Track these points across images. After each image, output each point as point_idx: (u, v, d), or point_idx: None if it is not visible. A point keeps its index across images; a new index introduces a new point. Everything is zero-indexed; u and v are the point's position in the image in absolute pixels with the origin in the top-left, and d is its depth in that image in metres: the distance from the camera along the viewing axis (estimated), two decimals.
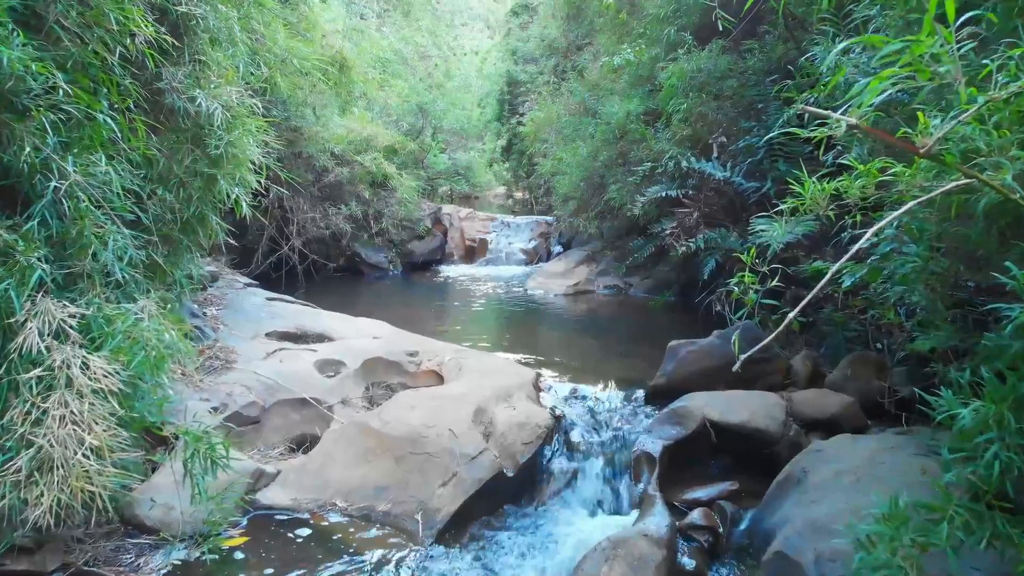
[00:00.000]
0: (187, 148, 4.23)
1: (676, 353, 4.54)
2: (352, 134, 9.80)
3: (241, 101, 4.29)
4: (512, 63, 17.24)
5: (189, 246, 4.23)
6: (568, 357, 5.65)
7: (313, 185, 9.56)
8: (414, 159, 11.29)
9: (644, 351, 5.79)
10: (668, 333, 6.48)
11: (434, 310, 7.99)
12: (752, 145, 5.88)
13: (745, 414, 4.00)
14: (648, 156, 7.18)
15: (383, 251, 10.33)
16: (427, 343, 5.34)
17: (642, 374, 5.07)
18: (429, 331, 6.61)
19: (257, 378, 4.48)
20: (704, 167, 5.78)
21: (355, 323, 5.72)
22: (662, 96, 7.37)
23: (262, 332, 5.28)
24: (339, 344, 5.12)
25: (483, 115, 19.93)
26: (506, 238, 12.16)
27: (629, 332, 6.65)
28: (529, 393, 4.34)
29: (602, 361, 5.52)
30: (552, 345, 6.19)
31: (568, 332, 6.73)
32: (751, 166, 5.91)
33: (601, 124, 8.08)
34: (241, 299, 5.89)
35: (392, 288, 9.64)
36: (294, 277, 9.16)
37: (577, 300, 8.39)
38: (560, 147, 10.03)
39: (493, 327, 6.80)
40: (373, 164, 9.33)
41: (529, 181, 15.59)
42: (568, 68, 11.91)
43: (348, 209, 9.42)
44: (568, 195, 9.65)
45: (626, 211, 8.03)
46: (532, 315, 7.65)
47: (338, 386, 4.58)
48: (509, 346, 6.08)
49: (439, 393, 4.20)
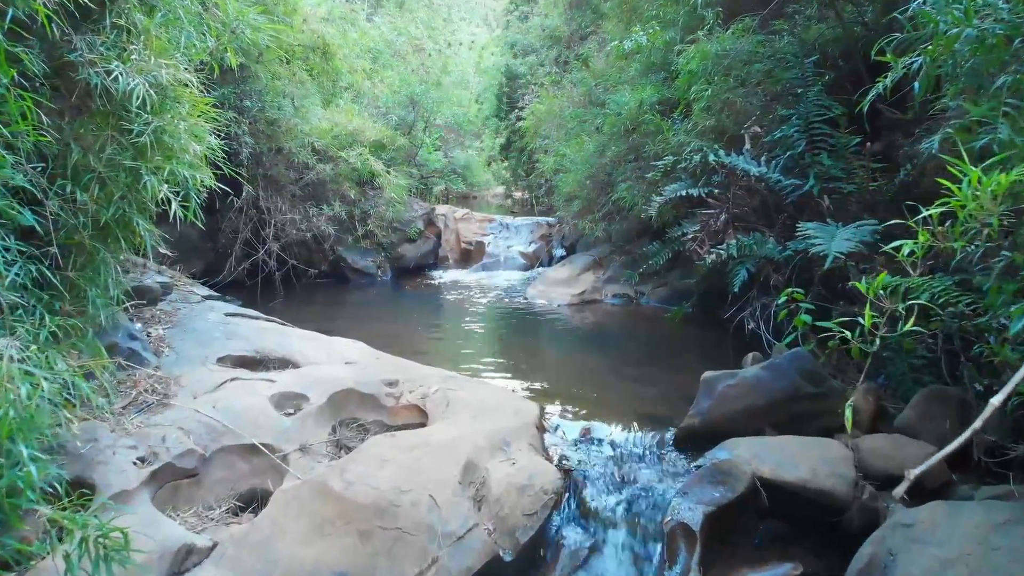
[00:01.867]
0: (108, 136, 3.41)
1: (712, 388, 3.71)
2: (337, 128, 8.96)
3: (174, 77, 3.46)
4: (511, 56, 16.43)
5: (107, 258, 3.39)
6: (577, 384, 4.82)
7: (294, 184, 8.72)
8: (405, 155, 10.45)
9: (666, 376, 4.96)
10: (691, 353, 5.68)
11: (423, 323, 7.16)
12: (789, 136, 5.05)
13: (805, 470, 3.17)
14: (665, 150, 6.36)
15: (371, 255, 9.49)
16: (410, 369, 4.51)
17: (667, 407, 4.24)
18: (416, 348, 5.78)
19: (199, 418, 3.65)
20: (735, 162, 4.95)
21: (328, 344, 4.88)
22: (679, 83, 6.55)
23: (214, 357, 4.44)
24: (304, 372, 4.28)
25: (481, 111, 19.10)
26: (505, 240, 11.33)
27: (646, 351, 5.82)
28: (531, 438, 3.50)
29: (617, 390, 4.68)
30: (557, 368, 5.36)
31: (575, 350, 5.90)
32: (789, 160, 5.08)
33: (610, 116, 7.26)
34: (195, 316, 5.05)
35: (379, 296, 8.80)
36: (272, 284, 8.32)
37: (583, 310, 7.56)
38: (563, 142, 9.20)
39: (489, 344, 5.97)
40: (359, 160, 8.49)
41: (529, 180, 14.76)
42: (571, 58, 11.08)
43: (331, 210, 8.59)
44: (572, 194, 8.83)
45: (638, 212, 7.21)
46: (533, 329, 6.82)
47: (298, 427, 3.75)
48: (507, 369, 5.24)
49: (419, 440, 3.36)
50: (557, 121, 9.64)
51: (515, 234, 11.47)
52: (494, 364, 5.35)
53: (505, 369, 5.22)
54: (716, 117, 5.83)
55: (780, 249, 4.77)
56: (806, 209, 5.02)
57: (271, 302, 7.84)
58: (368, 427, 3.97)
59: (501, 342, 6.08)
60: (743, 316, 5.09)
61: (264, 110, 7.87)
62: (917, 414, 3.65)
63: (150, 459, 3.39)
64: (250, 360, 4.55)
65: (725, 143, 5.62)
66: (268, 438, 3.62)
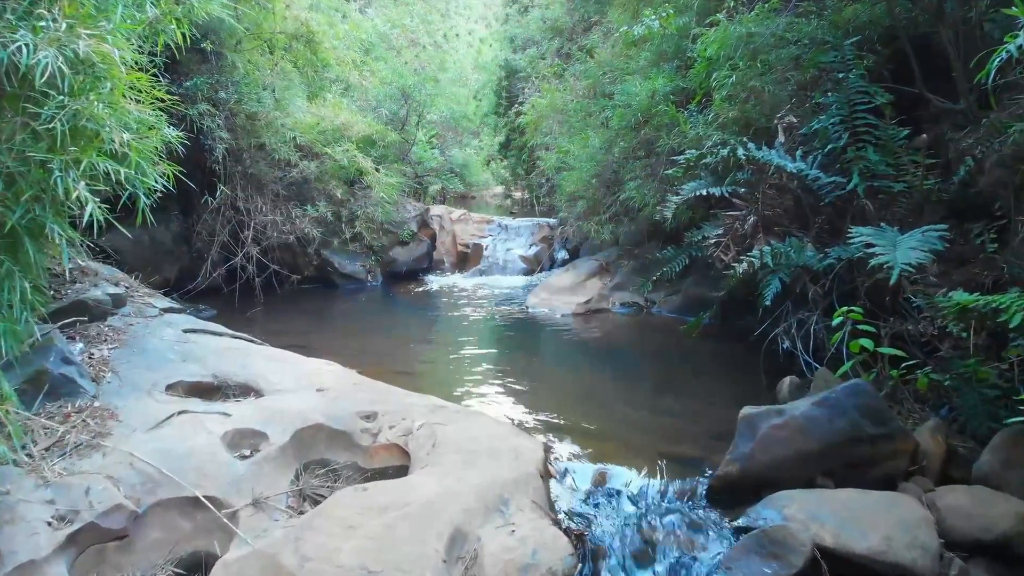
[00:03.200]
0: (17, 122, 2.79)
1: (754, 428, 3.07)
2: (323, 123, 8.32)
3: (98, 51, 2.81)
4: (510, 51, 15.79)
5: (13, 270, 2.75)
6: (586, 413, 4.18)
7: (276, 182, 8.08)
8: (397, 153, 9.81)
9: (689, 403, 4.32)
10: (715, 374, 5.03)
11: (414, 335, 6.51)
12: (829, 127, 4.42)
13: (876, 538, 2.54)
14: (681, 145, 5.73)
15: (360, 259, 8.84)
16: (392, 397, 3.87)
17: (694, 445, 3.61)
18: (403, 367, 5.14)
19: (134, 463, 3.02)
20: (769, 157, 4.32)
21: (298, 366, 4.25)
22: (696, 71, 5.92)
23: (163, 383, 3.81)
24: (266, 403, 3.65)
25: (479, 108, 18.47)
26: (503, 243, 10.69)
27: (663, 371, 5.18)
28: (535, 492, 2.87)
29: (634, 421, 4.04)
30: (563, 393, 4.71)
31: (583, 370, 5.25)
32: (827, 155, 4.45)
33: (619, 108, 6.62)
34: (149, 333, 4.41)
35: (368, 304, 8.15)
36: (252, 291, 7.67)
37: (589, 321, 6.92)
38: (566, 138, 8.57)
39: (486, 362, 5.33)
40: (345, 157, 7.84)
41: (529, 179, 14.13)
42: (574, 50, 10.44)
43: (316, 210, 7.94)
44: (576, 194, 8.20)
45: (649, 213, 6.59)
46: (535, 343, 6.18)
47: (253, 474, 3.11)
48: (506, 392, 4.60)
49: (397, 497, 2.72)
50: (560, 116, 9.01)
51: (515, 236, 10.83)
52: (491, 387, 4.71)
53: (504, 393, 4.58)
54: (740, 107, 5.20)
55: (820, 257, 4.14)
56: (848, 211, 4.39)
57: (250, 310, 7.20)
58: (339, 471, 3.33)
59: (499, 360, 5.45)
60: (776, 333, 4.45)
61: (242, 102, 7.22)
62: (1000, 460, 3.02)
63: (69, 517, 2.77)
64: (206, 387, 3.91)
65: (751, 136, 4.99)
66: (216, 489, 2.99)
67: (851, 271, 4.33)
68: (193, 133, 6.97)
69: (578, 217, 8.25)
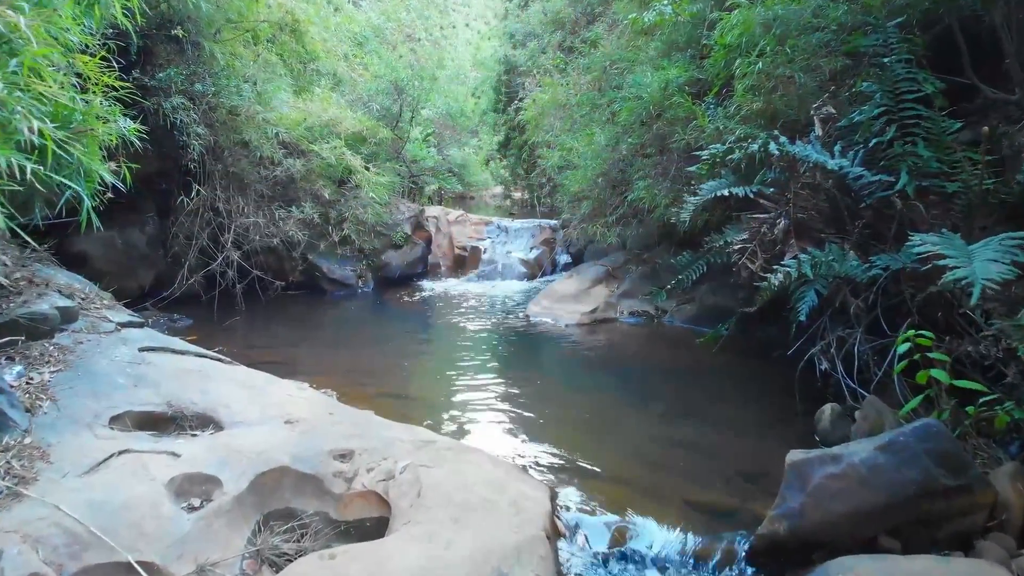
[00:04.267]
0: None
1: (804, 477, 2.54)
2: (310, 118, 7.78)
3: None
4: (510, 47, 15.26)
5: None
6: (597, 447, 3.65)
7: (260, 182, 7.54)
8: (390, 150, 9.27)
9: (713, 432, 3.79)
10: (742, 397, 4.47)
11: (404, 349, 5.97)
12: (871, 120, 3.89)
13: None
14: (698, 140, 5.22)
15: (350, 263, 8.31)
16: (373, 430, 3.34)
17: (726, 490, 3.08)
18: (390, 388, 4.62)
19: (60, 519, 2.49)
20: (806, 153, 3.79)
21: (267, 392, 3.71)
22: (714, 59, 5.40)
23: (108, 414, 3.28)
24: (224, 440, 3.11)
25: (478, 105, 17.94)
26: (503, 246, 10.17)
27: (681, 392, 4.65)
28: (540, 561, 2.34)
29: (653, 458, 3.51)
30: (569, 420, 4.17)
31: (590, 392, 4.72)
32: (869, 151, 3.92)
33: (628, 100, 6.09)
34: (100, 352, 3.87)
35: (357, 312, 7.62)
36: (233, 298, 7.14)
37: (595, 332, 6.39)
38: (569, 135, 8.04)
39: (482, 382, 4.79)
40: (333, 155, 7.31)
41: (530, 179, 13.60)
42: (576, 43, 9.90)
43: (301, 212, 7.40)
44: (580, 194, 7.68)
45: (660, 215, 6.07)
46: (537, 359, 5.65)
47: (201, 531, 2.58)
48: (505, 420, 4.08)
49: (369, 572, 2.19)
50: (562, 111, 8.48)
51: (514, 239, 10.31)
52: (488, 412, 4.18)
53: (502, 420, 4.06)
54: (766, 98, 4.68)
55: (864, 267, 3.61)
56: (893, 214, 3.86)
57: (229, 320, 6.67)
58: (307, 524, 2.80)
59: (497, 379, 4.91)
60: (813, 353, 3.91)
61: (220, 95, 6.68)
62: None
63: None
64: (157, 418, 3.38)
65: (779, 130, 4.46)
66: (154, 552, 2.46)
67: (897, 282, 3.82)
68: (167, 128, 6.47)
69: (582, 219, 7.72)
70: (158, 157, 7.30)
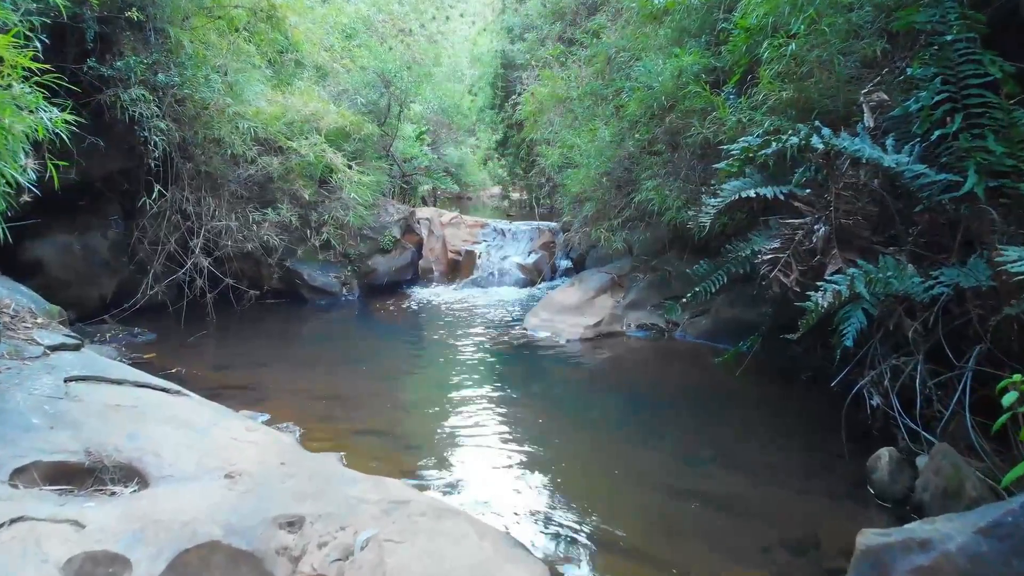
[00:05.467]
0: None
1: (884, 569, 1.94)
2: (290, 112, 7.16)
3: None
4: (508, 42, 14.66)
5: None
6: (609, 503, 3.04)
7: (235, 182, 6.93)
8: (377, 148, 8.64)
9: (745, 480, 3.18)
10: (770, 429, 3.77)
11: (385, 370, 5.29)
12: (929, 109, 3.28)
13: None
14: (717, 134, 4.62)
15: (333, 270, 7.70)
16: (330, 486, 2.73)
17: (767, 565, 2.47)
18: (364, 423, 3.99)
19: None
20: (858, 147, 3.17)
21: (209, 433, 3.10)
22: (733, 44, 4.81)
23: (13, 465, 2.67)
24: (145, 502, 2.50)
25: (475, 103, 17.33)
26: (499, 250, 9.56)
27: (701, 423, 4.03)
28: None
29: (675, 517, 2.90)
30: (573, 463, 3.53)
31: (597, 424, 4.10)
32: (927, 146, 3.32)
33: (638, 90, 5.48)
34: (16, 384, 3.25)
35: (339, 324, 7.00)
36: (204, 309, 6.53)
37: (600, 348, 5.78)
38: (571, 131, 7.44)
39: (472, 412, 4.17)
40: (311, 152, 6.69)
41: (528, 178, 13.00)
42: (578, 34, 9.29)
43: (278, 214, 6.79)
44: (582, 195, 7.09)
45: (672, 218, 5.47)
46: (535, 382, 5.01)
47: None
48: (496, 464, 3.46)
49: None
50: (563, 106, 7.87)
51: (511, 242, 9.71)
52: (478, 457, 3.56)
53: (495, 466, 3.44)
54: (798, 86, 4.07)
55: (927, 283, 3.00)
56: (961, 220, 3.26)
57: (196, 334, 6.06)
58: None
59: (490, 408, 4.28)
60: (863, 385, 3.30)
61: (185, 86, 6.07)
62: None
63: None
64: (72, 470, 2.76)
65: (813, 122, 3.85)
66: None
67: (960, 302, 3.21)
68: (127, 123, 5.85)
69: (585, 222, 7.12)
70: (121, 154, 6.70)
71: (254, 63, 6.86)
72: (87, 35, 5.75)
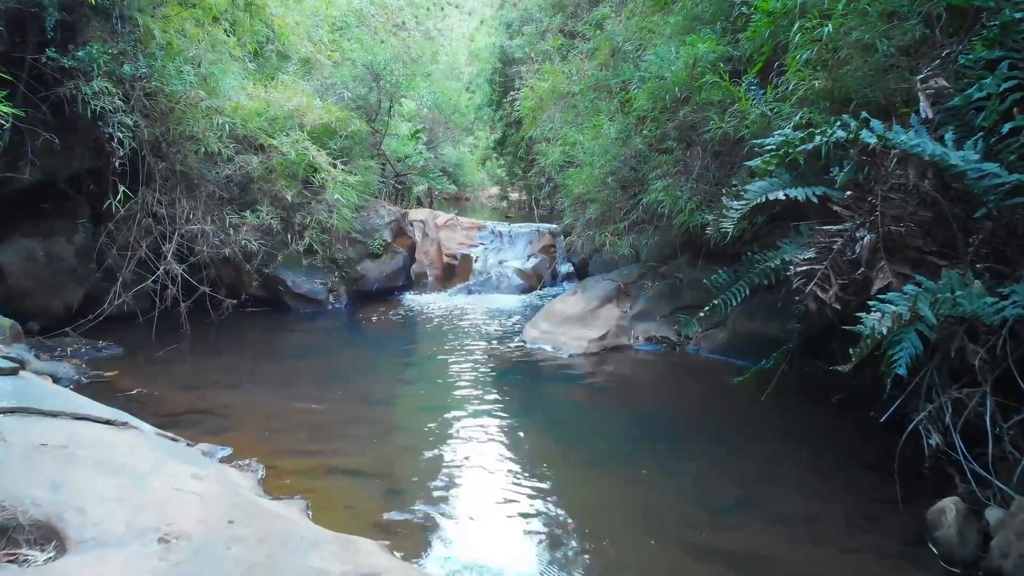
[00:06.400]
0: None
1: None
2: (272, 108, 6.68)
3: None
4: (507, 37, 14.17)
5: None
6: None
7: (212, 182, 6.44)
8: (367, 145, 8.15)
9: (784, 538, 2.70)
10: (806, 469, 3.26)
11: (369, 391, 4.71)
12: (996, 98, 2.81)
13: None
14: (738, 129, 4.15)
15: (319, 275, 7.22)
16: (285, 556, 2.25)
17: None
18: (340, 457, 3.50)
19: None
20: (918, 143, 2.70)
21: (148, 481, 2.62)
22: (753, 30, 4.33)
23: None
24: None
25: (472, 101, 16.84)
26: (497, 254, 9.08)
27: (727, 462, 3.52)
28: None
29: None
30: (583, 520, 2.99)
31: (606, 462, 3.58)
32: (995, 141, 2.85)
33: (648, 81, 5.00)
34: None
35: (323, 335, 6.51)
36: (177, 319, 6.04)
37: (606, 363, 5.30)
38: (573, 127, 6.97)
39: (463, 449, 3.67)
40: (293, 149, 6.20)
41: (528, 178, 12.53)
42: (580, 27, 8.81)
43: (257, 217, 6.31)
44: (585, 196, 6.61)
45: (684, 221, 5.00)
46: (535, 408, 4.48)
47: None
48: (489, 516, 2.98)
49: None
50: (564, 101, 7.40)
51: (510, 245, 9.23)
52: (468, 506, 3.06)
53: (487, 515, 2.96)
54: (832, 73, 3.59)
55: (998, 303, 2.53)
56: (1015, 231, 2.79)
57: (167, 347, 5.58)
58: None
59: (485, 442, 3.73)
60: (919, 421, 2.83)
61: (154, 79, 5.59)
62: None
63: None
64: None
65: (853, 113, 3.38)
66: None
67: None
68: (89, 118, 5.37)
69: (588, 224, 6.64)
70: (88, 153, 6.21)
71: (232, 54, 6.38)
72: (47, 23, 5.27)
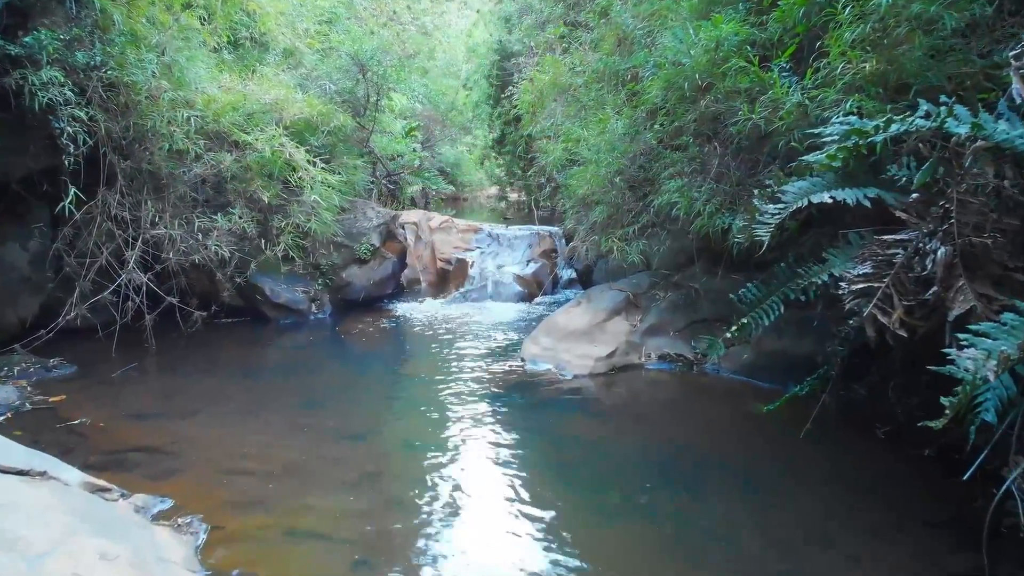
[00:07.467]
0: None
1: None
2: (249, 102, 6.11)
3: None
4: (505, 32, 13.62)
5: None
6: None
7: (186, 184, 5.88)
8: (353, 143, 7.59)
9: None
10: (865, 530, 2.59)
11: (343, 425, 4.08)
12: None
13: None
14: (771, 121, 3.59)
15: (301, 283, 6.66)
16: None
17: None
18: (297, 518, 2.93)
19: None
20: (1016, 136, 2.14)
21: (44, 566, 2.05)
22: (785, 8, 3.77)
23: None
24: None
25: (469, 98, 16.28)
26: (494, 258, 8.51)
27: (762, 515, 2.96)
28: None
29: None
30: None
31: (620, 518, 3.01)
32: None
33: (665, 66, 4.44)
34: None
35: (301, 351, 5.92)
36: (141, 332, 5.49)
37: (614, 386, 4.74)
38: (576, 122, 6.40)
39: (446, 501, 3.09)
40: (268, 146, 5.64)
41: (527, 178, 11.95)
42: (583, 16, 8.24)
43: (230, 221, 5.74)
44: (590, 197, 6.04)
45: (703, 225, 4.45)
46: (535, 444, 3.84)
47: None
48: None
49: None
50: (567, 94, 6.83)
51: (508, 249, 8.65)
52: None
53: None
54: (886, 55, 3.03)
55: None
56: None
57: (126, 366, 5.02)
58: None
59: (471, 494, 3.12)
60: (1011, 483, 2.27)
61: (110, 68, 5.03)
62: None
63: None
64: None
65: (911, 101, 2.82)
66: None
67: None
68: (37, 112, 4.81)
69: (593, 228, 6.07)
70: (42, 152, 5.65)
71: (203, 42, 5.82)
72: None
